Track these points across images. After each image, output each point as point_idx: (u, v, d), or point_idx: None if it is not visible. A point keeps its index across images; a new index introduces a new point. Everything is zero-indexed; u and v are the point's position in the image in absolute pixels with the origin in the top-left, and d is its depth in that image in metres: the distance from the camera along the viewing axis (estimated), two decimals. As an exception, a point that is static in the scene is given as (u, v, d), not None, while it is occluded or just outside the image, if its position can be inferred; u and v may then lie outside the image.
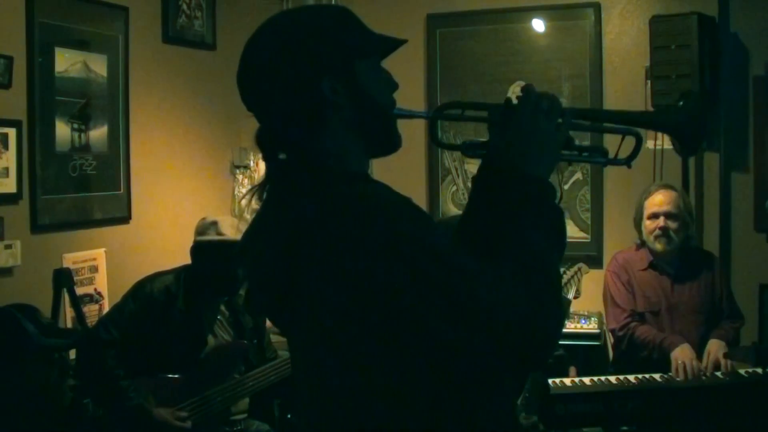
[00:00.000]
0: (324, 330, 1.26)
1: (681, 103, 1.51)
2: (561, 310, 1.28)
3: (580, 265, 3.17)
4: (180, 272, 3.06)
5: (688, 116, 1.48)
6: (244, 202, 1.40)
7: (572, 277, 3.09)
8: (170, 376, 2.91)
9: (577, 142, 1.47)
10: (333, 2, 4.70)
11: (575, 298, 3.09)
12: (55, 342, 2.21)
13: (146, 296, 2.94)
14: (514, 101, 1.43)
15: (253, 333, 3.15)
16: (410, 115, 1.43)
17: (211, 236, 3.01)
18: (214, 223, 3.03)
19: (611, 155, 1.50)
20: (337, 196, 1.24)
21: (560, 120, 1.40)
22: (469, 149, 1.49)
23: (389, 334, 1.21)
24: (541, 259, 1.27)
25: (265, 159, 1.38)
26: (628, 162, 1.49)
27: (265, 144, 1.37)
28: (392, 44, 1.40)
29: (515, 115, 1.39)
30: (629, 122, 1.49)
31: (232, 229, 3.02)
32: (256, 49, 1.37)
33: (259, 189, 1.37)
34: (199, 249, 3.04)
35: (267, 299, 1.37)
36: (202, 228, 3.05)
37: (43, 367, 2.16)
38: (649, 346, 3.36)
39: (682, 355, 3.23)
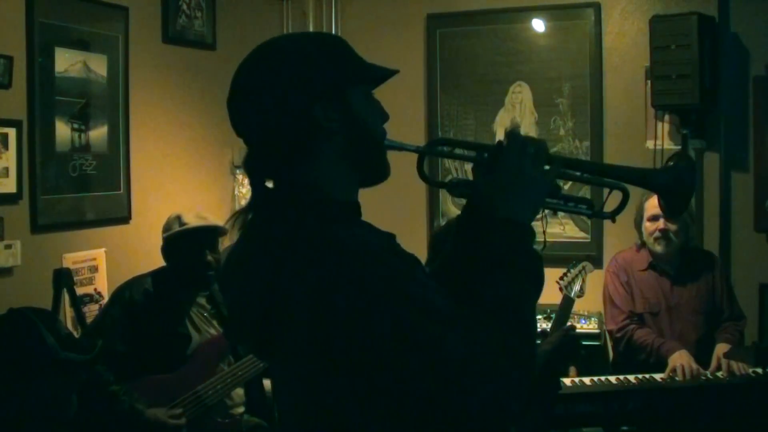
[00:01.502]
0: (299, 367, 1.26)
1: (671, 163, 1.52)
2: (533, 358, 1.26)
3: (585, 263, 3.16)
4: (156, 274, 3.13)
5: (677, 178, 1.49)
6: (228, 225, 1.39)
7: (577, 275, 3.08)
8: (160, 376, 2.94)
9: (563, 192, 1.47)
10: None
11: (579, 297, 3.09)
12: (74, 357, 2.17)
13: (126, 302, 3.00)
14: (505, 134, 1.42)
15: None
16: (401, 147, 1.41)
17: (176, 229, 3.09)
18: (178, 217, 3.13)
19: (597, 208, 1.50)
20: (320, 237, 1.22)
21: (547, 167, 1.40)
22: (455, 188, 1.50)
23: (361, 376, 1.20)
24: (515, 305, 1.26)
25: (252, 185, 1.35)
26: (613, 216, 1.49)
27: (253, 170, 1.34)
28: (385, 74, 1.38)
29: (501, 157, 1.38)
30: (617, 177, 1.49)
31: (195, 218, 3.12)
32: (247, 74, 1.34)
33: (243, 215, 1.35)
34: (168, 245, 3.12)
35: (246, 330, 1.37)
36: (167, 225, 3.15)
37: (56, 380, 2.13)
38: (646, 349, 3.36)
39: (679, 359, 3.23)
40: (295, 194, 1.31)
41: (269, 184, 1.36)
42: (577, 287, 3.06)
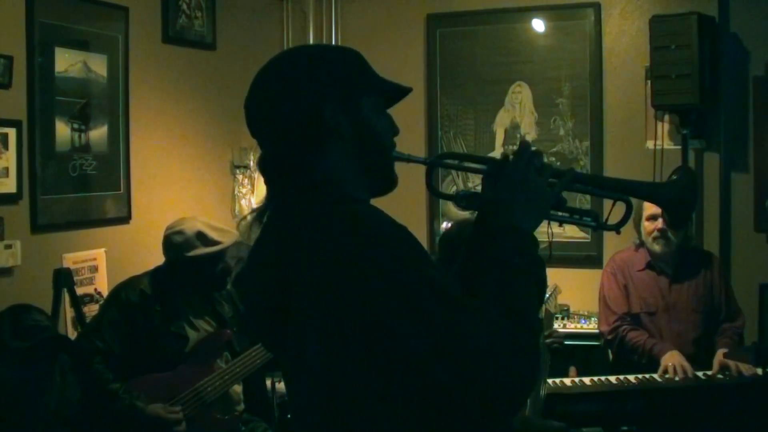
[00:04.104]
0: (313, 355, 1.27)
1: (674, 177, 1.55)
2: (537, 358, 1.29)
3: (555, 285, 3.19)
4: (153, 274, 3.11)
5: (680, 191, 1.53)
6: (243, 224, 1.42)
7: (550, 295, 3.11)
8: (159, 374, 2.95)
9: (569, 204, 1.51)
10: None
11: (555, 313, 3.15)
12: (17, 345, 2.19)
13: (123, 302, 3.00)
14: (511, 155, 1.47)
15: (233, 321, 3.18)
16: (408, 159, 1.45)
17: (203, 249, 3.02)
18: (200, 235, 3.04)
19: (602, 220, 1.54)
20: (332, 220, 1.25)
21: (554, 180, 1.44)
22: (462, 200, 1.53)
23: (376, 360, 1.22)
24: (518, 303, 1.29)
25: (266, 184, 1.40)
26: (617, 228, 1.53)
27: (267, 170, 1.39)
28: (399, 91, 1.44)
29: (508, 167, 1.43)
30: (622, 191, 1.52)
31: (218, 233, 3.07)
32: (267, 76, 1.40)
33: (259, 213, 1.39)
34: (190, 263, 3.03)
35: (261, 322, 1.39)
36: (186, 243, 3.03)
37: (10, 370, 2.14)
38: (638, 350, 3.37)
39: (671, 359, 3.23)
40: (309, 189, 1.35)
41: (283, 182, 1.39)
42: (552, 305, 3.10)
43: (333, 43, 4.62)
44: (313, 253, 1.23)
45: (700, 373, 3.23)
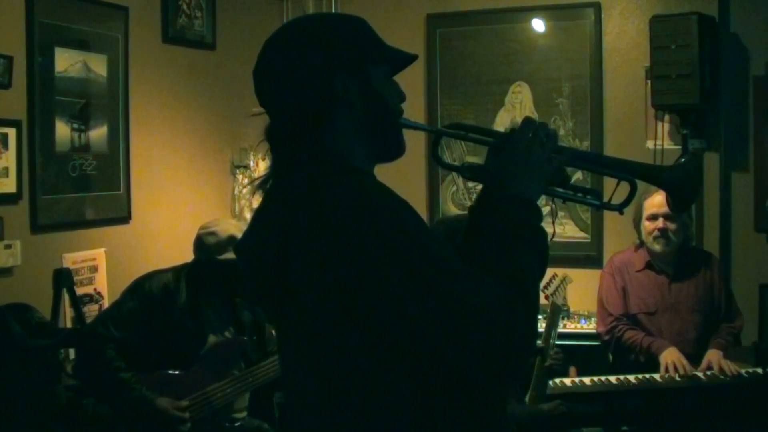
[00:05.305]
0: (310, 321, 1.28)
1: (682, 160, 1.54)
2: (533, 327, 1.30)
3: (566, 275, 3.18)
4: (179, 271, 3.06)
5: (685, 175, 1.52)
6: (246, 190, 1.44)
7: (559, 285, 3.11)
8: (171, 372, 2.92)
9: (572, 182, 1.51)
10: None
11: (563, 306, 3.13)
12: (39, 343, 2.19)
13: (145, 294, 2.96)
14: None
15: (252, 329, 3.15)
16: (415, 126, 1.47)
17: (234, 254, 2.96)
18: (233, 239, 2.96)
19: (605, 199, 1.54)
20: (336, 187, 1.27)
21: (555, 155, 1.45)
22: (466, 171, 1.54)
23: (374, 327, 1.23)
24: (519, 272, 1.29)
25: (272, 152, 1.42)
26: (620, 208, 1.52)
27: (274, 139, 1.40)
28: (404, 58, 1.45)
29: (512, 138, 1.44)
30: (626, 171, 1.52)
31: None
32: (275, 44, 1.41)
33: (262, 181, 1.41)
34: (219, 266, 2.99)
35: (260, 288, 1.40)
36: (218, 245, 2.99)
37: (28, 368, 2.15)
38: (636, 349, 3.37)
39: (670, 356, 3.24)
40: (314, 159, 1.35)
41: (288, 151, 1.39)
42: (561, 296, 3.09)
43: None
44: (315, 221, 1.24)
45: (700, 373, 3.23)
